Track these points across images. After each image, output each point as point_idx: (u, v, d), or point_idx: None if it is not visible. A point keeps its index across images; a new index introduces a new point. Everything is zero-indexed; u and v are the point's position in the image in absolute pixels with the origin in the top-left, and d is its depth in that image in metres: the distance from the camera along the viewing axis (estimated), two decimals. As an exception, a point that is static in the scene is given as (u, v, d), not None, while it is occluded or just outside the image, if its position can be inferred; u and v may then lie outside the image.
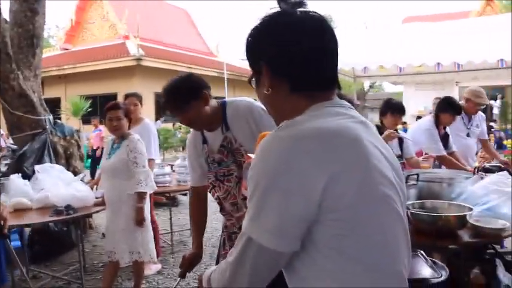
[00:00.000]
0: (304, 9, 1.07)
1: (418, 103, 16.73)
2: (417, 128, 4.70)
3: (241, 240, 0.99)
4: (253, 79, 1.14)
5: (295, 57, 1.03)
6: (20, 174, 4.33)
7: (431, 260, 2.05)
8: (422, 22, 9.43)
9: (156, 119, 19.87)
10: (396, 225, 0.99)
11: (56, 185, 4.04)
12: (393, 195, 0.99)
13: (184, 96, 2.10)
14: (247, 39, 1.11)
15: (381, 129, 3.99)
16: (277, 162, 0.93)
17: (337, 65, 1.11)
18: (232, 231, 2.35)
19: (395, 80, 9.56)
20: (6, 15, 5.46)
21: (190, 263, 2.32)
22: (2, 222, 1.95)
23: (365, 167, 0.94)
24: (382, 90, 42.93)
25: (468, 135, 4.81)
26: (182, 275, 2.31)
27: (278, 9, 1.08)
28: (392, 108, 3.96)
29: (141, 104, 4.72)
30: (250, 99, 2.29)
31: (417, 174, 2.99)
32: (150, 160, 4.34)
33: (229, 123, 2.20)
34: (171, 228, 5.45)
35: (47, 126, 5.56)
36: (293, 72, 1.05)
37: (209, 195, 2.43)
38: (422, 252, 2.07)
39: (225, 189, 2.26)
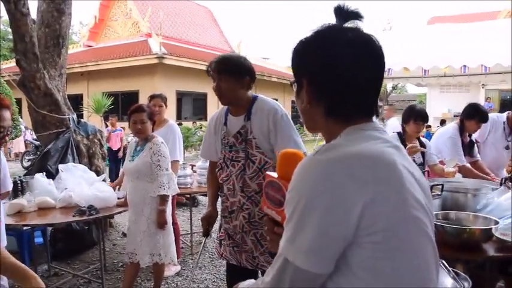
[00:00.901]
0: (356, 28, 1.08)
1: (442, 105, 16.49)
2: (440, 135, 4.56)
3: (278, 261, 1.00)
4: (295, 84, 1.15)
5: (336, 78, 1.05)
6: (44, 173, 4.40)
7: (453, 270, 2.00)
8: (448, 23, 9.25)
9: (178, 118, 19.98)
10: (427, 247, 1.01)
11: (79, 184, 4.10)
12: (424, 218, 0.99)
13: (231, 68, 2.39)
14: (294, 49, 1.13)
15: (402, 136, 3.94)
16: (316, 183, 0.94)
17: (379, 91, 1.11)
18: (223, 215, 2.63)
19: (419, 82, 9.42)
20: (33, 15, 5.53)
21: (208, 221, 2.67)
22: None
23: (399, 191, 0.95)
24: (405, 91, 42.46)
25: (507, 147, 4.57)
26: (206, 234, 2.70)
27: (328, 24, 1.09)
28: (416, 116, 3.89)
29: (165, 105, 4.73)
30: (279, 104, 2.55)
31: (442, 185, 2.94)
32: (175, 162, 4.38)
33: (252, 114, 2.46)
34: (191, 229, 5.43)
35: (71, 125, 5.64)
36: (331, 96, 1.07)
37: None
38: (444, 262, 2.02)
39: (227, 174, 2.53)
